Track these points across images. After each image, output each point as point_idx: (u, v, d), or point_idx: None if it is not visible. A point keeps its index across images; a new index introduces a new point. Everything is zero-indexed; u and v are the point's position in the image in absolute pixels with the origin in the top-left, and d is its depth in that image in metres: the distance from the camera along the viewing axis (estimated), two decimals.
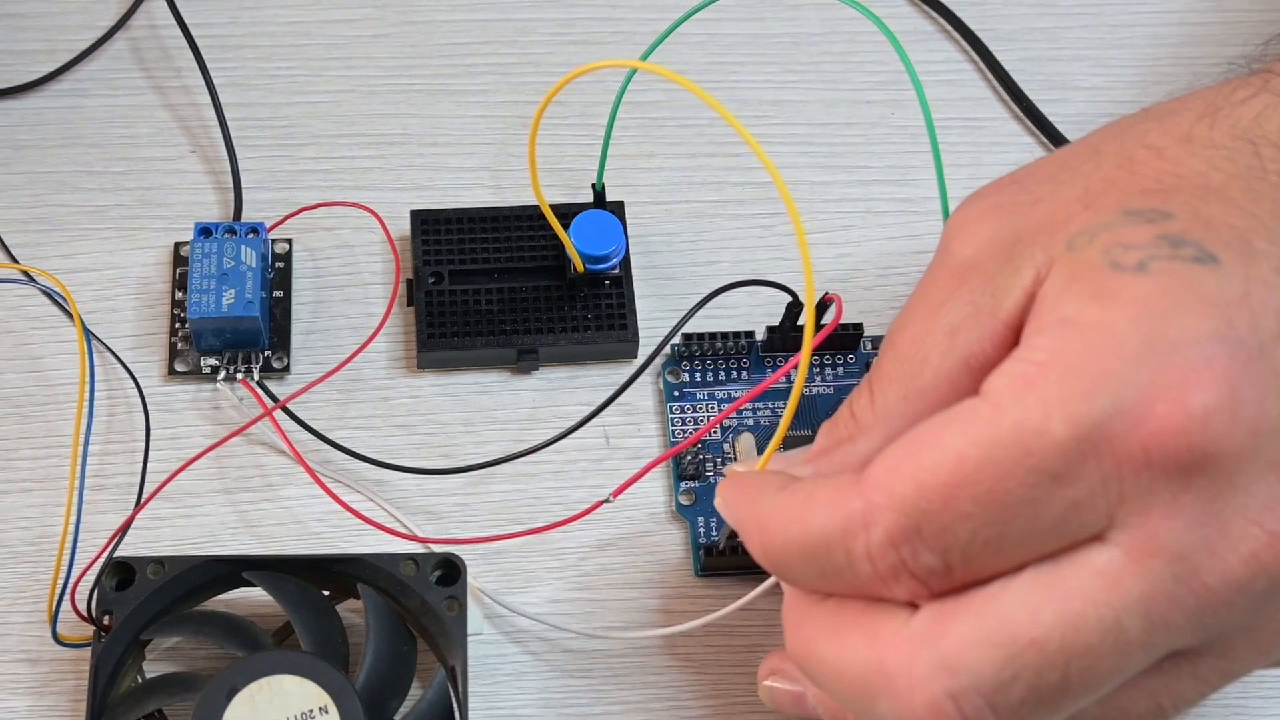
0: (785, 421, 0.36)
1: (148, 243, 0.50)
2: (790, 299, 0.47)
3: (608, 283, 0.49)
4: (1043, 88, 0.54)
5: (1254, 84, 0.35)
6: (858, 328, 0.48)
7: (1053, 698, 0.31)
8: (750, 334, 0.48)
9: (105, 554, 0.42)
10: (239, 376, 0.47)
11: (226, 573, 0.43)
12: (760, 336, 0.48)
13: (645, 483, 0.46)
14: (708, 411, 0.48)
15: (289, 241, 0.50)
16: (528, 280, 0.49)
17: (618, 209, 0.49)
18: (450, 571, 0.42)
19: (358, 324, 0.49)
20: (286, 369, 0.48)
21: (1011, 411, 0.30)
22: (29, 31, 0.54)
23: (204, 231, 0.47)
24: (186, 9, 0.53)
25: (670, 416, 0.48)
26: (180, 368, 0.48)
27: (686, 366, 0.48)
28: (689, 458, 0.46)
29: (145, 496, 0.44)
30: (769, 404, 0.48)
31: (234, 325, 0.46)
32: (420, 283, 0.48)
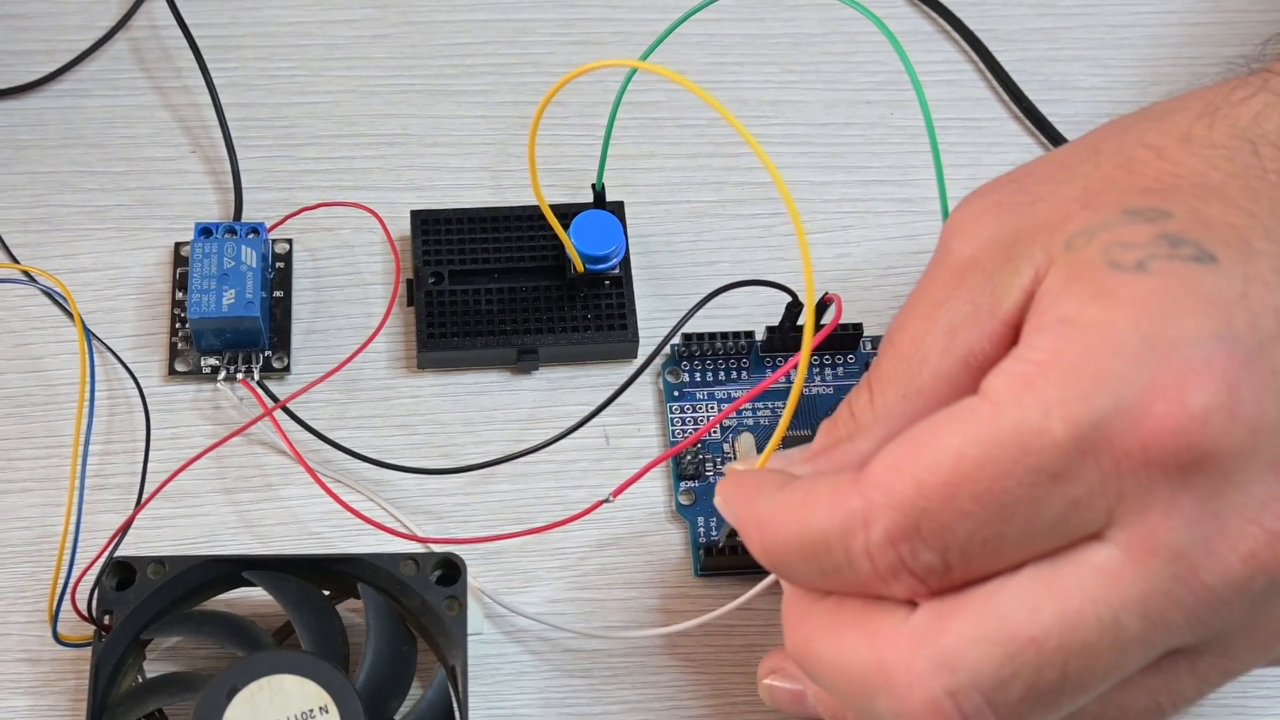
0: (785, 421, 0.36)
1: (148, 243, 0.50)
2: (790, 299, 0.47)
3: (608, 283, 0.49)
4: (1042, 88, 0.54)
5: (1253, 83, 0.35)
6: (857, 328, 0.48)
7: (1051, 695, 0.31)
8: (750, 334, 0.48)
9: (106, 554, 0.42)
10: (239, 376, 0.47)
11: (227, 572, 0.43)
12: (760, 336, 0.48)
13: (645, 483, 0.46)
14: (707, 411, 0.48)
15: (289, 241, 0.50)
16: (528, 280, 0.49)
17: (618, 209, 0.49)
18: (450, 571, 0.42)
19: (358, 324, 0.49)
20: (287, 369, 0.48)
21: (1011, 410, 0.30)
22: (29, 32, 0.54)
23: (204, 231, 0.47)
24: (187, 9, 0.53)
25: (670, 416, 0.48)
26: (180, 368, 0.48)
27: (686, 366, 0.48)
28: (689, 457, 0.46)
29: (146, 496, 0.44)
30: (769, 404, 0.48)
31: (234, 325, 0.46)
32: (420, 283, 0.48)
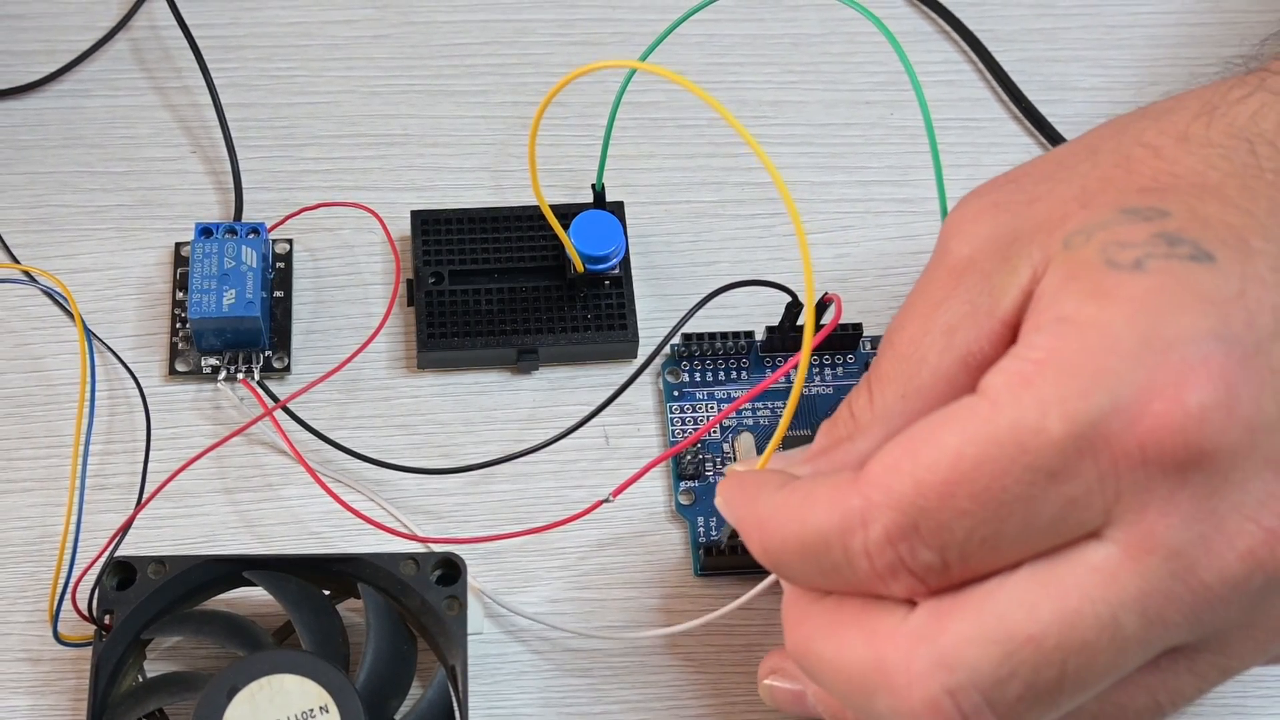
0: (785, 421, 0.36)
1: (149, 243, 0.50)
2: (790, 299, 0.47)
3: (608, 283, 0.49)
4: (1041, 88, 0.54)
5: (1250, 83, 0.35)
6: (857, 327, 0.48)
7: (1050, 694, 0.31)
8: (750, 334, 0.48)
9: (106, 553, 0.42)
10: (239, 376, 0.47)
11: (227, 572, 0.43)
12: (760, 336, 0.48)
13: (645, 482, 0.46)
14: (707, 411, 0.48)
15: (289, 242, 0.50)
16: (528, 280, 0.49)
17: (618, 209, 0.49)
18: (450, 571, 0.42)
19: (358, 324, 0.49)
20: (287, 369, 0.48)
21: (1009, 409, 0.30)
22: (30, 32, 0.54)
23: (205, 232, 0.47)
24: (187, 10, 0.53)
25: (670, 416, 0.48)
26: (181, 368, 0.48)
27: (686, 366, 0.48)
28: (689, 457, 0.46)
29: (146, 496, 0.44)
30: (768, 404, 0.48)
31: (235, 325, 0.47)
32: (420, 283, 0.48)
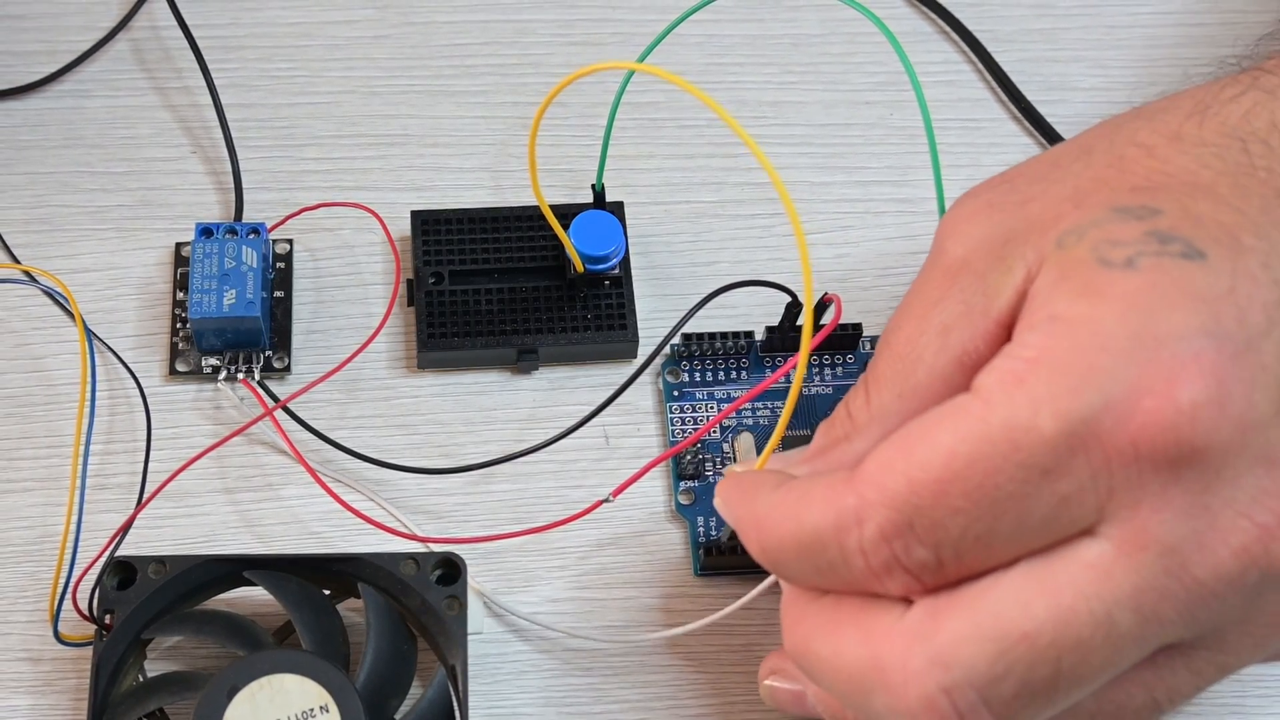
0: (784, 421, 0.36)
1: (149, 243, 0.50)
2: (790, 299, 0.47)
3: (607, 283, 0.49)
4: (1041, 89, 0.54)
5: (1243, 82, 0.35)
6: (856, 327, 0.48)
7: (1045, 691, 0.31)
8: (750, 334, 0.48)
9: (106, 553, 0.42)
10: (240, 376, 0.47)
11: (227, 572, 0.43)
12: (759, 336, 0.48)
13: (645, 482, 0.46)
14: (707, 411, 0.48)
15: (290, 242, 0.50)
16: (528, 280, 0.49)
17: (617, 209, 0.50)
18: (450, 571, 0.42)
19: (358, 324, 0.49)
20: (287, 369, 0.48)
21: (1001, 407, 0.30)
22: (30, 33, 0.54)
23: (205, 232, 0.47)
24: (187, 10, 0.53)
25: (670, 416, 0.48)
26: (181, 368, 0.48)
27: (686, 366, 0.48)
28: (688, 457, 0.46)
29: (146, 496, 0.44)
30: (768, 403, 0.48)
31: (235, 325, 0.47)
32: (420, 283, 0.48)
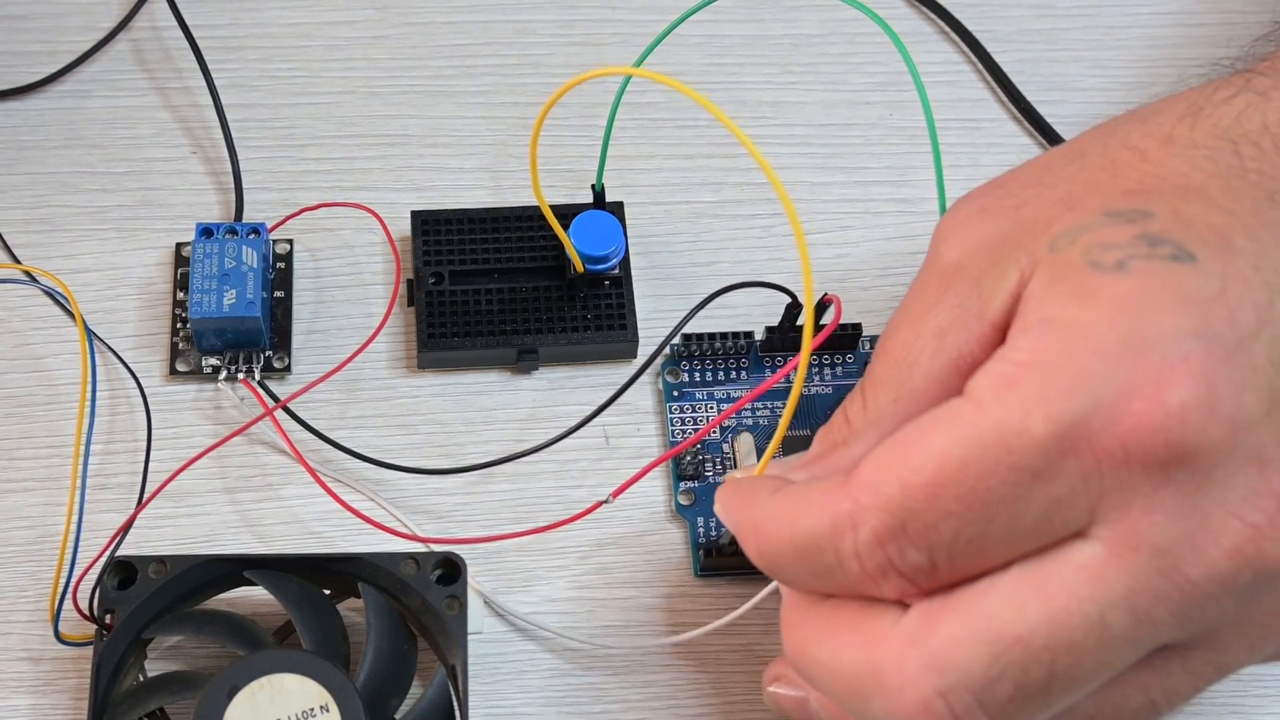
0: (784, 422, 0.37)
1: (149, 243, 0.50)
2: (789, 300, 0.47)
3: (607, 283, 0.49)
4: (1040, 89, 0.54)
5: (1236, 84, 0.35)
6: (856, 328, 0.48)
7: (1040, 694, 0.31)
8: (749, 334, 0.48)
9: (107, 553, 0.42)
10: (240, 376, 0.47)
11: (228, 572, 0.43)
12: (759, 337, 0.48)
13: (645, 483, 0.46)
14: (707, 411, 0.48)
15: (290, 242, 0.50)
16: (528, 280, 0.49)
17: (617, 209, 0.50)
18: (450, 570, 0.42)
19: (358, 324, 0.49)
20: (287, 369, 0.48)
21: (993, 411, 0.31)
22: (31, 33, 0.54)
23: (205, 232, 0.47)
24: (188, 10, 0.53)
25: (670, 416, 0.48)
26: (182, 367, 0.48)
27: (686, 367, 0.48)
28: (688, 458, 0.47)
29: (147, 496, 0.45)
30: (768, 404, 0.48)
31: (235, 325, 0.47)
32: (420, 283, 0.48)
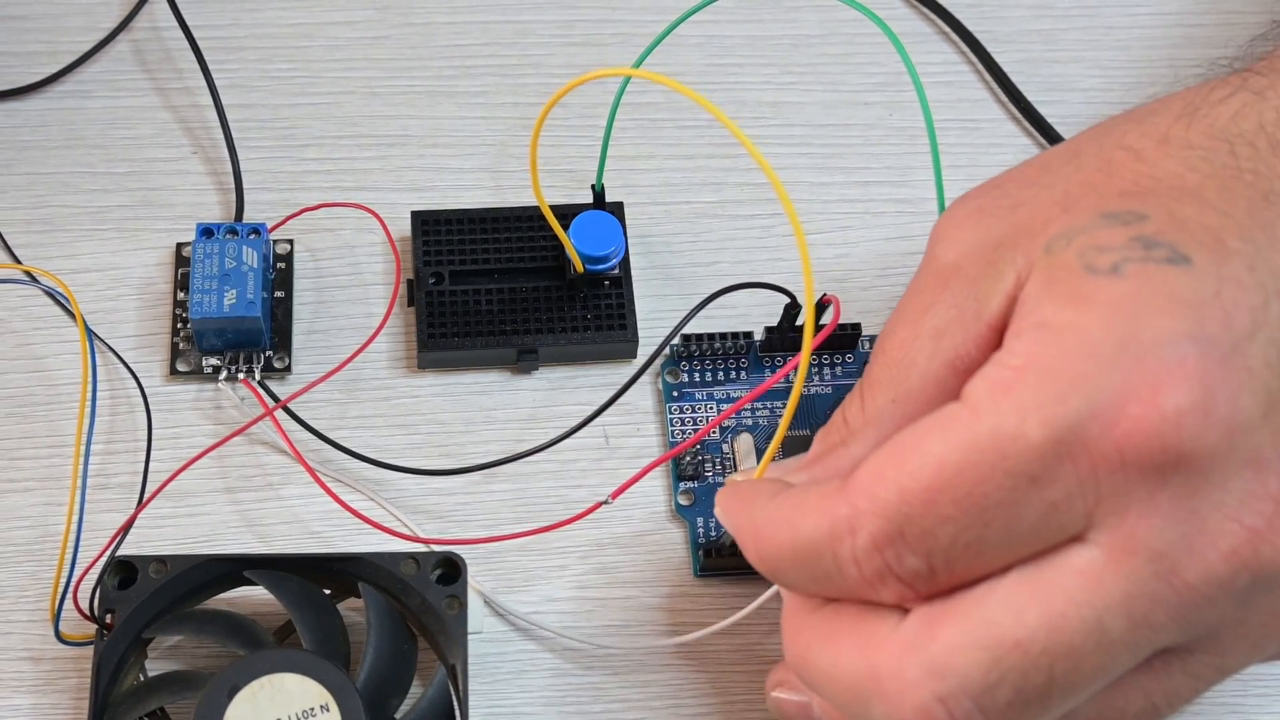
0: (784, 422, 0.37)
1: (150, 243, 0.50)
2: (789, 300, 0.47)
3: (607, 283, 0.49)
4: (1040, 89, 0.54)
5: (1232, 83, 0.35)
6: (856, 328, 0.48)
7: (1040, 699, 0.31)
8: (749, 334, 0.48)
9: (107, 553, 0.42)
10: (240, 376, 0.47)
11: (228, 571, 0.43)
12: (759, 337, 0.49)
13: (645, 483, 0.46)
14: (707, 412, 0.48)
15: (290, 242, 0.50)
16: (528, 280, 0.49)
17: (617, 210, 0.50)
18: (451, 570, 0.43)
19: (358, 324, 0.49)
20: (288, 369, 0.48)
21: (988, 416, 0.30)
22: (31, 33, 0.54)
23: (206, 232, 0.47)
24: (188, 11, 0.53)
25: (669, 417, 0.48)
26: (182, 367, 0.48)
27: (685, 367, 0.48)
28: (688, 458, 0.47)
29: (147, 496, 0.45)
30: (768, 404, 0.48)
31: (235, 325, 0.47)
32: (421, 283, 0.48)
